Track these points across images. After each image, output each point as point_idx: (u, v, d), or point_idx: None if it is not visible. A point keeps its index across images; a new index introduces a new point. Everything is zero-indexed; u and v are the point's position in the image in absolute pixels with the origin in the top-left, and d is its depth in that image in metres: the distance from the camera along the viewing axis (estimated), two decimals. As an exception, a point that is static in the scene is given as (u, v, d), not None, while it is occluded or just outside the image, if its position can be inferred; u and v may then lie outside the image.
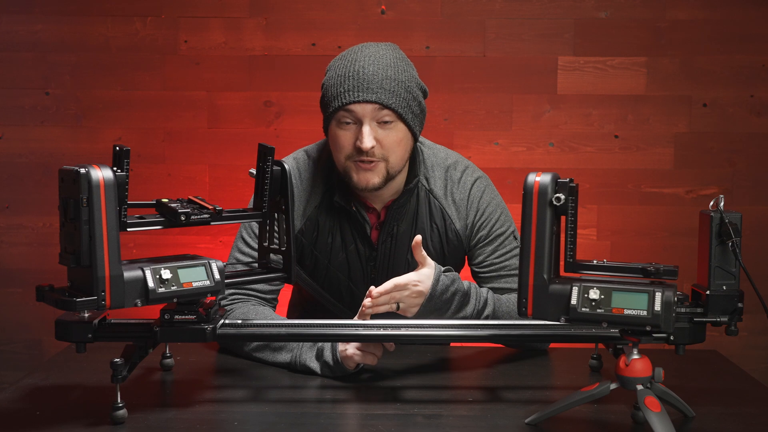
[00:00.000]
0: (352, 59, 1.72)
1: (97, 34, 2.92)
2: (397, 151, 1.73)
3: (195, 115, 2.95)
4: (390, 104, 1.69)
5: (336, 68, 1.73)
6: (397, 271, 1.81)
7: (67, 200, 1.26)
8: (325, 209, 1.82)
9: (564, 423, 1.39)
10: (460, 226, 1.83)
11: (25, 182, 2.98)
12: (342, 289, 1.85)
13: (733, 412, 1.45)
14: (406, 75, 1.73)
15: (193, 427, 1.37)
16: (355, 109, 1.69)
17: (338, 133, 1.72)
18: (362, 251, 1.82)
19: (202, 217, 1.41)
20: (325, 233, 1.82)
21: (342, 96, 1.69)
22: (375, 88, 1.68)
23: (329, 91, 1.72)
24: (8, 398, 1.50)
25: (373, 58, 1.71)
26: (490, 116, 2.93)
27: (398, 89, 1.70)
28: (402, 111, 1.70)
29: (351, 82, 1.68)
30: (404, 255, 1.82)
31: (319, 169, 1.85)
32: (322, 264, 1.84)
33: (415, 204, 1.83)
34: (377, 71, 1.69)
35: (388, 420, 1.40)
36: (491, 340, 1.54)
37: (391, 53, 1.74)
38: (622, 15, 2.88)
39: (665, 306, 1.26)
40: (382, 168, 1.72)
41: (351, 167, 1.73)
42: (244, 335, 1.53)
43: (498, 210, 1.86)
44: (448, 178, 1.85)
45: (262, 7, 2.90)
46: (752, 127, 2.92)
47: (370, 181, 1.72)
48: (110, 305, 1.28)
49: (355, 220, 1.80)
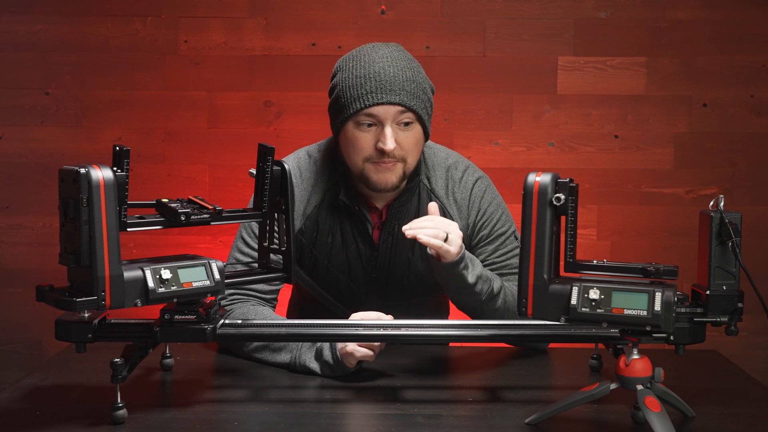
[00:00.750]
0: (368, 60, 1.71)
1: (97, 34, 2.92)
2: (414, 152, 1.74)
3: (195, 115, 2.95)
4: (412, 106, 1.69)
5: (351, 69, 1.72)
6: (398, 271, 1.81)
7: (67, 200, 1.26)
8: (325, 209, 1.82)
9: (564, 423, 1.39)
10: (461, 225, 1.83)
11: (25, 182, 2.98)
12: (342, 288, 1.85)
13: (733, 412, 1.45)
14: (421, 76, 1.74)
15: (193, 427, 1.37)
16: (378, 111, 1.68)
17: (357, 135, 1.71)
18: (363, 251, 1.82)
19: (202, 217, 1.41)
20: (325, 233, 1.82)
21: (364, 98, 1.68)
22: (398, 90, 1.68)
23: (347, 92, 1.70)
24: (8, 398, 1.50)
25: (390, 59, 1.71)
26: (490, 116, 2.93)
27: (417, 91, 1.71)
28: (421, 113, 1.72)
29: (372, 84, 1.68)
30: (405, 254, 1.82)
31: (321, 168, 1.84)
32: (321, 264, 1.84)
33: (416, 203, 1.83)
34: (398, 73, 1.69)
35: (388, 420, 1.40)
36: (491, 339, 1.54)
37: (404, 54, 1.75)
38: (622, 15, 2.88)
39: (665, 306, 1.26)
40: (400, 168, 1.73)
41: (370, 168, 1.73)
42: (244, 335, 1.54)
43: (499, 210, 1.86)
44: (449, 177, 1.86)
45: (262, 7, 2.90)
46: (752, 127, 2.92)
47: (389, 180, 1.73)
48: (110, 305, 1.28)
49: (358, 219, 1.80)
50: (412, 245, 1.82)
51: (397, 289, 1.83)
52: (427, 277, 1.83)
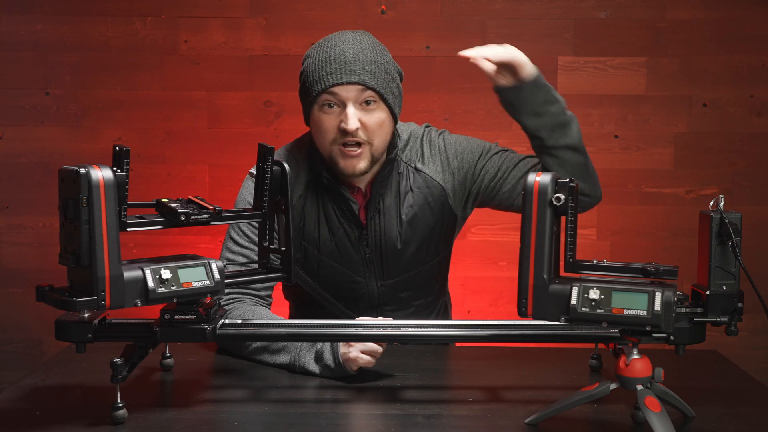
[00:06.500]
0: (330, 45, 1.75)
1: (97, 34, 2.92)
2: (379, 133, 1.75)
3: (195, 115, 2.95)
4: (372, 85, 1.72)
5: (314, 55, 1.76)
6: (390, 246, 1.83)
7: (67, 200, 1.26)
8: (309, 199, 1.84)
9: (564, 423, 1.39)
10: (442, 178, 1.86)
11: (25, 182, 2.98)
12: (338, 277, 1.85)
13: (733, 412, 1.45)
14: (384, 58, 1.77)
15: (193, 427, 1.37)
16: (339, 91, 1.71)
17: (322, 117, 1.74)
18: (351, 233, 1.83)
19: (202, 217, 1.41)
20: (312, 223, 1.83)
21: (324, 79, 1.71)
22: (357, 70, 1.71)
23: (310, 76, 1.74)
24: (8, 398, 1.50)
25: (352, 42, 1.74)
26: (490, 116, 2.93)
27: (378, 71, 1.73)
28: (383, 91, 1.74)
29: (333, 65, 1.71)
30: (395, 228, 1.83)
31: (300, 160, 1.86)
32: (312, 255, 1.84)
33: (397, 176, 1.85)
34: (358, 54, 1.72)
35: (388, 420, 1.40)
36: (491, 339, 1.54)
37: (368, 38, 1.78)
38: (622, 15, 2.88)
39: (665, 306, 1.26)
40: (367, 152, 1.75)
41: (337, 153, 1.75)
42: (244, 335, 1.53)
43: (472, 144, 1.90)
44: (422, 144, 1.88)
45: (262, 7, 2.90)
46: (752, 127, 2.92)
47: (357, 166, 1.75)
48: (110, 305, 1.28)
49: (342, 201, 1.81)
50: (399, 218, 1.82)
51: (393, 264, 1.84)
52: (421, 245, 1.85)
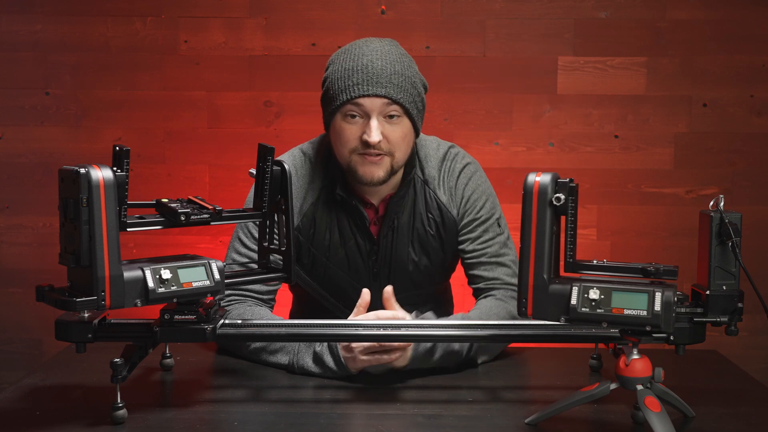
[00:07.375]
0: (358, 53, 1.72)
1: (97, 34, 2.92)
2: (402, 146, 1.74)
3: (195, 115, 2.95)
4: (398, 99, 1.70)
5: (341, 62, 1.73)
6: (400, 265, 1.82)
7: (67, 200, 1.26)
8: (322, 205, 1.83)
9: (564, 423, 1.39)
10: (454, 213, 1.85)
11: (25, 182, 2.98)
12: (343, 285, 1.85)
13: (733, 412, 1.45)
14: (411, 71, 1.75)
15: (193, 427, 1.37)
16: (364, 102, 1.69)
17: (344, 126, 1.72)
18: (363, 246, 1.82)
19: (202, 217, 1.41)
20: (323, 230, 1.82)
21: (351, 89, 1.69)
22: (384, 83, 1.69)
23: (335, 84, 1.72)
24: (8, 398, 1.50)
25: (380, 53, 1.72)
26: (490, 116, 2.93)
27: (405, 84, 1.71)
28: (409, 106, 1.72)
29: (360, 76, 1.69)
30: (406, 248, 1.83)
31: (316, 165, 1.85)
32: (320, 261, 1.84)
33: (412, 195, 1.84)
34: (386, 66, 1.70)
35: (388, 420, 1.40)
36: (491, 340, 1.54)
37: (396, 49, 1.75)
38: (622, 15, 2.88)
39: (665, 306, 1.26)
40: (387, 163, 1.73)
41: (356, 161, 1.73)
42: (244, 335, 1.53)
43: (483, 196, 1.86)
44: (442, 167, 1.86)
45: (262, 7, 2.90)
46: (752, 127, 2.92)
47: (375, 174, 1.73)
48: (110, 305, 1.28)
49: (355, 214, 1.80)
50: (412, 238, 1.82)
51: (401, 282, 1.84)
52: (430, 268, 1.84)
